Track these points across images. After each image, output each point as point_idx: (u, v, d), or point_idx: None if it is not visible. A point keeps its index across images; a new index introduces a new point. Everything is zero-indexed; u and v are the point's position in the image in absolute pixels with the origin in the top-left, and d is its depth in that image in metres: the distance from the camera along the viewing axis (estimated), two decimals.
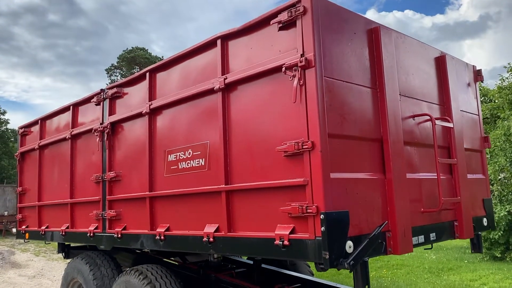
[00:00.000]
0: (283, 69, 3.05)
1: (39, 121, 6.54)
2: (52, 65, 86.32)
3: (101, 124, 5.11)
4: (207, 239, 3.62)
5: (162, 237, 4.10)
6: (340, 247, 2.84)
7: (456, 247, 11.97)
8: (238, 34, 3.58)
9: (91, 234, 5.13)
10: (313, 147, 2.87)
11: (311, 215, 2.85)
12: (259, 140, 3.31)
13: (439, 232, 3.79)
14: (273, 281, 5.20)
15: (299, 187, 2.95)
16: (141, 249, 5.22)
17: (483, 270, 8.92)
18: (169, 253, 5.43)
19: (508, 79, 16.59)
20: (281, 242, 3.00)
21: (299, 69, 2.96)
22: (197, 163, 3.84)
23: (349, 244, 2.88)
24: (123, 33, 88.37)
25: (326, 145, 2.88)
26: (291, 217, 3.00)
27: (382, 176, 3.31)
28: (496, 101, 17.16)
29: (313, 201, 2.86)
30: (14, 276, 10.50)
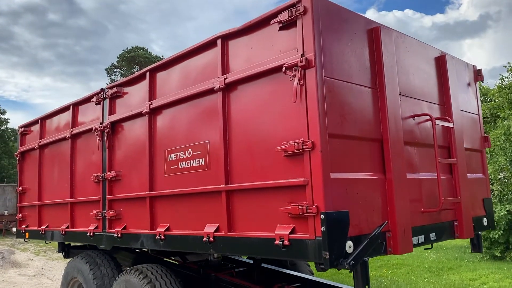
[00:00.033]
0: (283, 69, 3.05)
1: (39, 120, 6.54)
2: (52, 65, 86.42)
3: (101, 123, 5.10)
4: (207, 239, 3.62)
5: (162, 236, 4.10)
6: (340, 247, 2.84)
7: (456, 247, 11.97)
8: (238, 34, 3.58)
9: (91, 233, 5.14)
10: (313, 147, 2.87)
11: (311, 215, 2.85)
12: (259, 140, 3.31)
13: (439, 232, 3.79)
14: (273, 281, 5.20)
15: (299, 187, 2.95)
16: (141, 248, 5.23)
17: (483, 269, 8.93)
18: (169, 252, 5.43)
19: (508, 78, 16.61)
20: (281, 242, 3.01)
21: (299, 69, 2.96)
22: (197, 163, 3.84)
23: (349, 244, 2.89)
24: (123, 32, 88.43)
25: (326, 145, 2.88)
26: (291, 217, 3.01)
27: (382, 176, 3.31)
28: (496, 100, 17.17)
29: (313, 201, 2.86)
30: (14, 276, 10.51)
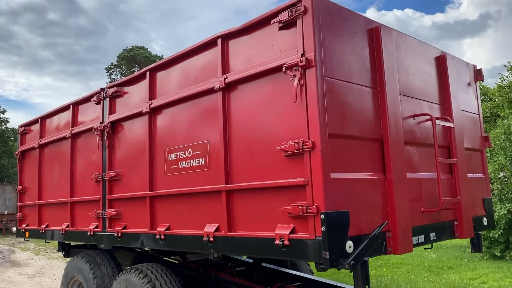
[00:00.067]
0: (284, 68, 3.05)
1: (39, 120, 6.54)
2: (52, 64, 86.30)
3: (101, 123, 5.10)
4: (207, 238, 3.62)
5: (162, 236, 4.10)
6: (340, 247, 2.84)
7: (456, 246, 11.98)
8: (238, 33, 3.58)
9: (91, 233, 5.14)
10: (313, 147, 2.87)
11: (311, 215, 2.85)
12: (260, 140, 3.31)
13: (439, 232, 3.79)
14: (273, 280, 5.20)
15: (299, 187, 2.95)
16: (141, 248, 5.23)
17: (483, 268, 8.94)
18: (169, 252, 5.43)
19: (508, 77, 16.63)
20: (281, 242, 3.01)
21: (299, 69, 2.96)
22: (197, 163, 3.84)
23: (349, 244, 2.89)
24: (122, 32, 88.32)
25: (327, 145, 2.88)
26: (291, 217, 3.01)
27: (382, 176, 3.31)
28: (496, 100, 17.19)
29: (313, 201, 2.86)
30: (14, 275, 10.51)
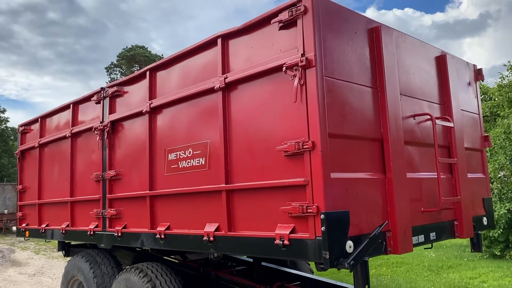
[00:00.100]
0: (284, 68, 3.05)
1: (39, 119, 6.54)
2: (52, 63, 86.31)
3: (101, 122, 5.10)
4: (207, 238, 3.62)
5: (163, 236, 4.11)
6: (340, 247, 2.84)
7: (455, 245, 11.99)
8: (238, 33, 3.58)
9: (91, 232, 5.14)
10: (313, 147, 2.87)
11: (312, 215, 2.85)
12: (260, 140, 3.31)
13: (439, 232, 3.80)
14: (273, 279, 5.21)
15: (300, 187, 2.95)
16: (141, 247, 5.23)
17: (483, 268, 8.94)
18: (169, 251, 5.43)
19: (508, 77, 16.62)
20: (281, 242, 3.01)
21: (299, 69, 2.95)
22: (197, 162, 3.84)
23: (349, 244, 2.89)
24: (123, 31, 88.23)
25: (327, 145, 2.88)
26: (291, 217, 3.01)
27: (382, 176, 3.31)
28: (496, 99, 17.18)
29: (313, 201, 2.86)
30: (14, 274, 10.52)
